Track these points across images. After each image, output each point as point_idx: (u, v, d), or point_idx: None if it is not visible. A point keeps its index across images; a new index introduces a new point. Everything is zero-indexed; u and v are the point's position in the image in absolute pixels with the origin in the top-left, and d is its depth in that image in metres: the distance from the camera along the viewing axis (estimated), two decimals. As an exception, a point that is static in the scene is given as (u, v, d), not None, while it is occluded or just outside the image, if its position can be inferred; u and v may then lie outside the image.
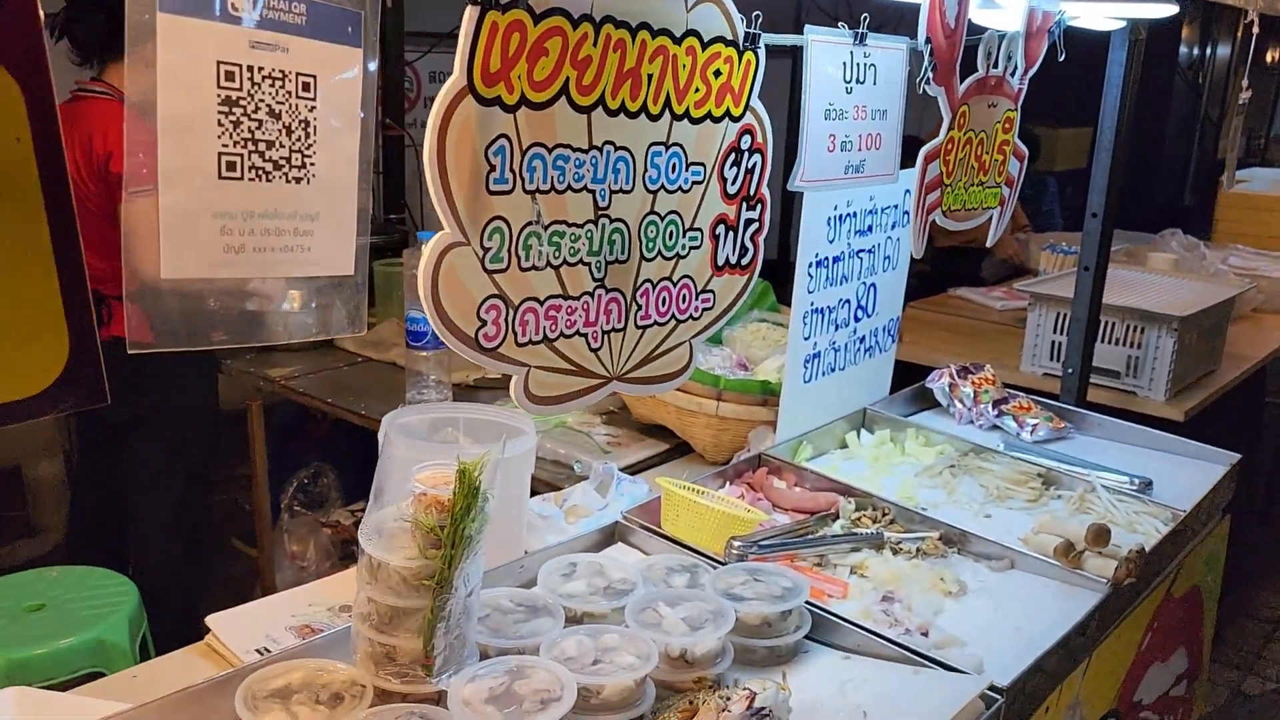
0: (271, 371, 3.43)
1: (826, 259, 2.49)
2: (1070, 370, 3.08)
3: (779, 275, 2.85)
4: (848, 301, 2.63)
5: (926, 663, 1.70)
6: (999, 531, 2.23)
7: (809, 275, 2.45)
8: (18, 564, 3.91)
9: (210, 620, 1.90)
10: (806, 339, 2.52)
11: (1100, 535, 2.05)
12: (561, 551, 1.93)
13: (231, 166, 1.04)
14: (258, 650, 1.78)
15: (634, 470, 2.65)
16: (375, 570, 1.46)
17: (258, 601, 2.02)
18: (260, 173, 1.05)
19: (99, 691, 1.70)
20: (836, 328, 2.62)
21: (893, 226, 2.67)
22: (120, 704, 1.48)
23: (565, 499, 2.31)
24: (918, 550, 2.13)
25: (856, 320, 2.69)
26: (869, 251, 2.63)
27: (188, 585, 3.53)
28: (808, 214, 2.36)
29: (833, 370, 2.65)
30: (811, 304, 2.50)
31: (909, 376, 3.07)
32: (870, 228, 2.60)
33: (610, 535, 2.12)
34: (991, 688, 1.64)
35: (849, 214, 2.49)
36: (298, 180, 1.07)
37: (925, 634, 1.83)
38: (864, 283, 2.67)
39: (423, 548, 1.44)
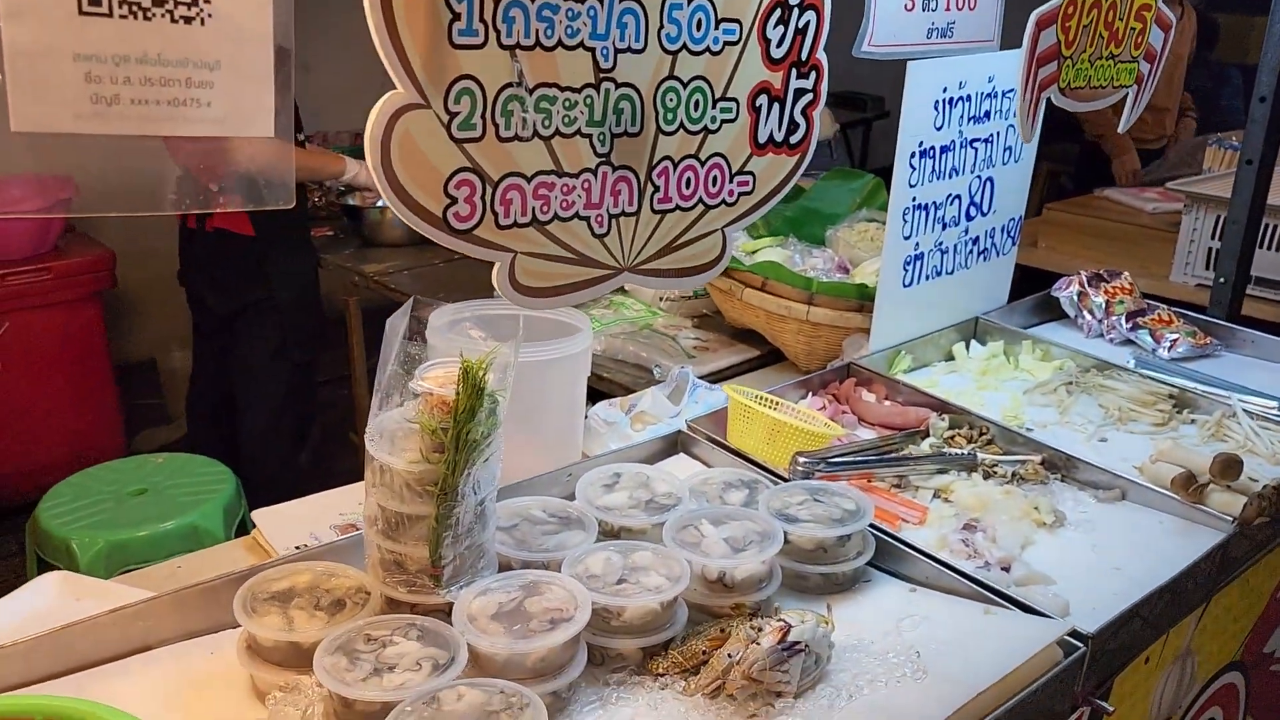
0: (367, 268, 3.40)
1: (932, 149, 2.22)
2: (1222, 279, 2.72)
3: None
4: (958, 197, 2.36)
5: (1001, 602, 1.51)
6: (1113, 458, 1.98)
7: (910, 167, 2.19)
8: (153, 450, 4.08)
9: (256, 515, 1.87)
10: (907, 238, 2.28)
11: (1229, 467, 1.78)
12: (611, 460, 1.80)
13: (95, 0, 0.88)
14: (296, 547, 1.74)
15: (721, 377, 2.49)
16: (379, 474, 1.36)
17: (308, 498, 1.98)
18: (134, 9, 0.90)
19: (139, 580, 1.69)
20: (944, 226, 2.36)
21: (1014, 114, 2.36)
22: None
23: (633, 404, 2.17)
24: (1014, 475, 1.91)
25: (968, 219, 2.42)
26: (985, 141, 2.35)
27: (295, 477, 3.61)
28: (910, 95, 2.09)
29: (938, 274, 2.40)
30: (914, 199, 2.25)
31: (1041, 286, 2.78)
32: (987, 114, 2.31)
33: (673, 445, 1.98)
34: (1073, 634, 1.44)
35: (961, 97, 2.21)
36: (186, 20, 0.92)
37: (1007, 569, 1.63)
38: (978, 177, 2.39)
39: (426, 451, 1.33)
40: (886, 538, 1.64)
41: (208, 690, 1.35)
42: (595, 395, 2.19)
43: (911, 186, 2.22)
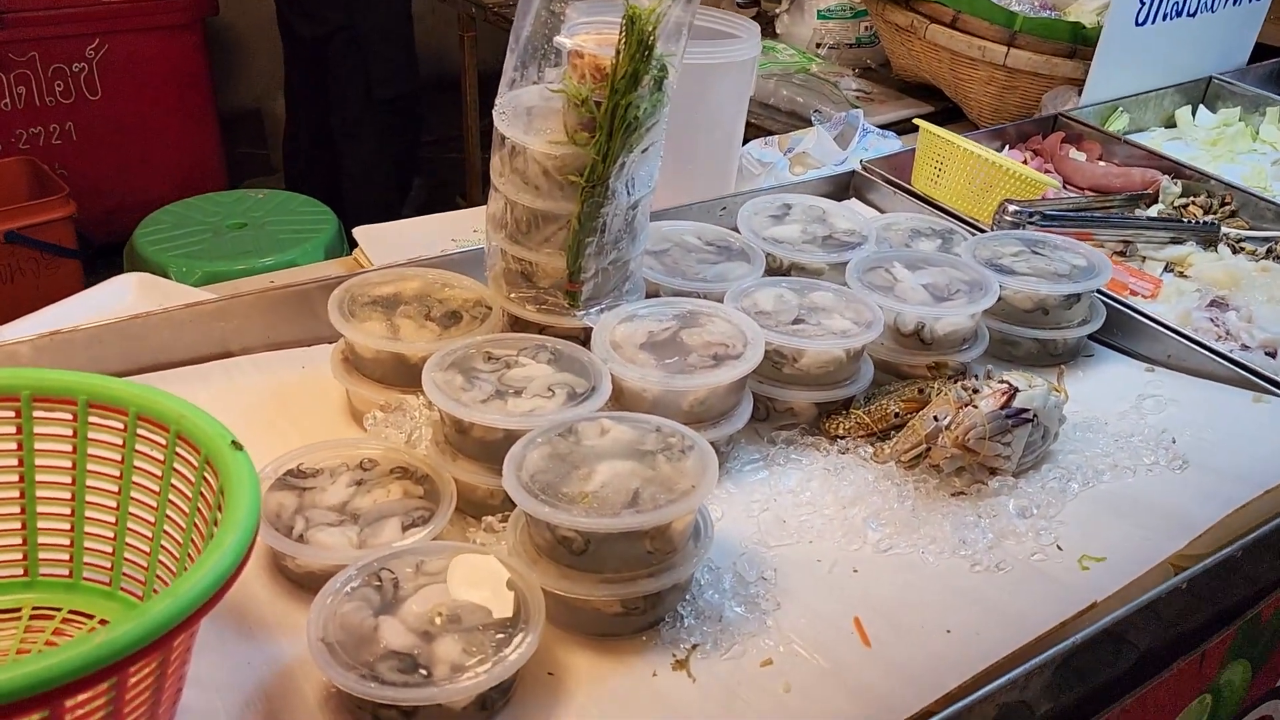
0: (486, -3, 3.04)
1: None
2: None
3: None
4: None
5: (1272, 388, 1.19)
6: (1393, 242, 1.59)
7: None
8: (256, 198, 3.89)
9: (358, 232, 1.63)
10: (1150, -38, 1.84)
11: None
12: (776, 194, 1.49)
13: None
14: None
15: (886, 133, 2.13)
16: (510, 159, 1.08)
17: (420, 218, 1.74)
18: None
19: (228, 290, 1.48)
20: (1195, -48, 1.90)
21: None
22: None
23: (793, 145, 1.84)
24: (1269, 252, 1.55)
25: (1225, -54, 1.95)
26: None
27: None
28: None
29: (1178, 13, 1.95)
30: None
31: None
32: None
33: (843, 188, 1.65)
34: (1372, 434, 1.12)
35: None
36: None
37: (1273, 355, 1.30)
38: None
39: (571, 130, 1.04)
40: (1121, 307, 1.32)
41: (296, 405, 1.14)
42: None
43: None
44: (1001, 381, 1.07)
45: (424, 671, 0.76)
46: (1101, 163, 1.80)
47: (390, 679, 0.75)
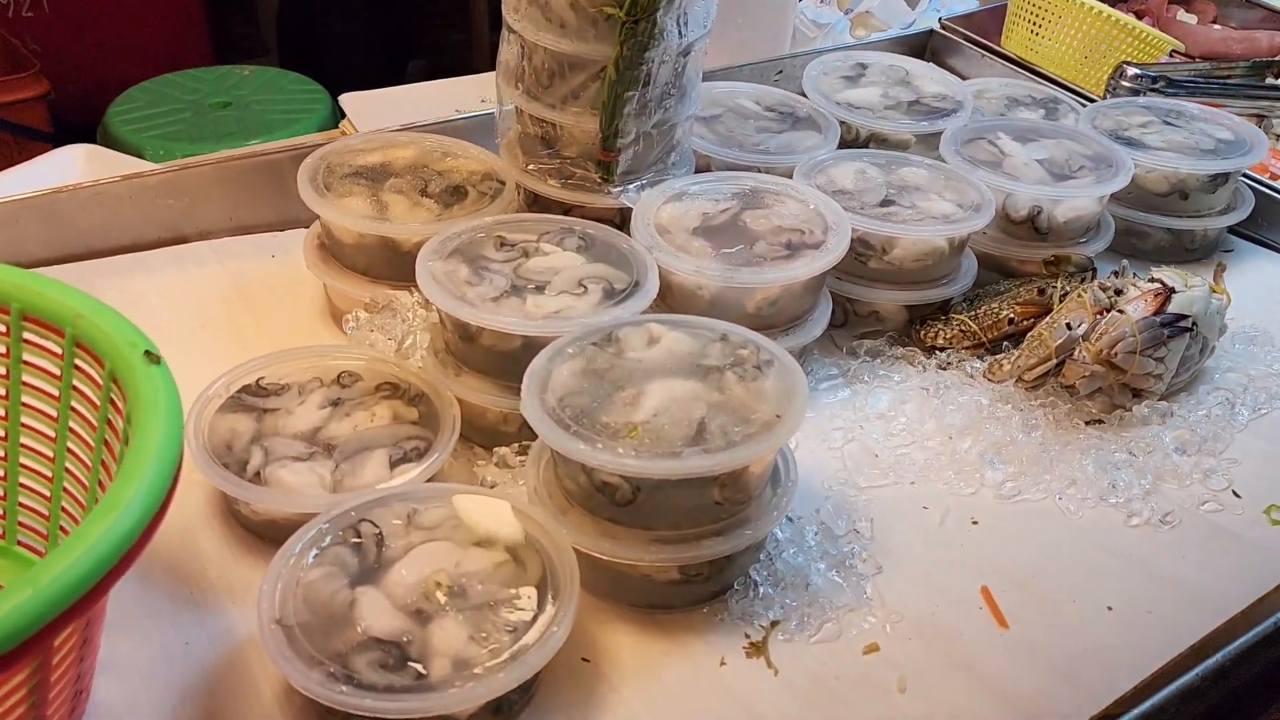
0: None
1: None
2: None
3: None
4: None
5: None
6: None
7: None
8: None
9: (345, 99, 1.38)
10: None
11: None
12: (847, 51, 1.23)
13: None
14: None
15: None
16: (529, -14, 0.84)
17: (418, 85, 1.49)
18: None
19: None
20: None
21: None
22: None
23: (853, 3, 1.57)
24: None
25: None
26: None
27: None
28: None
29: None
30: None
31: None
32: None
33: (918, 49, 1.39)
34: None
35: None
36: None
37: None
38: None
39: (607, -54, 0.79)
40: (1273, 193, 1.09)
41: (262, 304, 0.92)
42: None
43: None
44: (1152, 280, 0.84)
45: (417, 667, 0.56)
46: (1217, 25, 1.54)
47: (369, 679, 0.55)
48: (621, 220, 0.88)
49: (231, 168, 0.99)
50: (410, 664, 0.56)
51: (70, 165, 1.20)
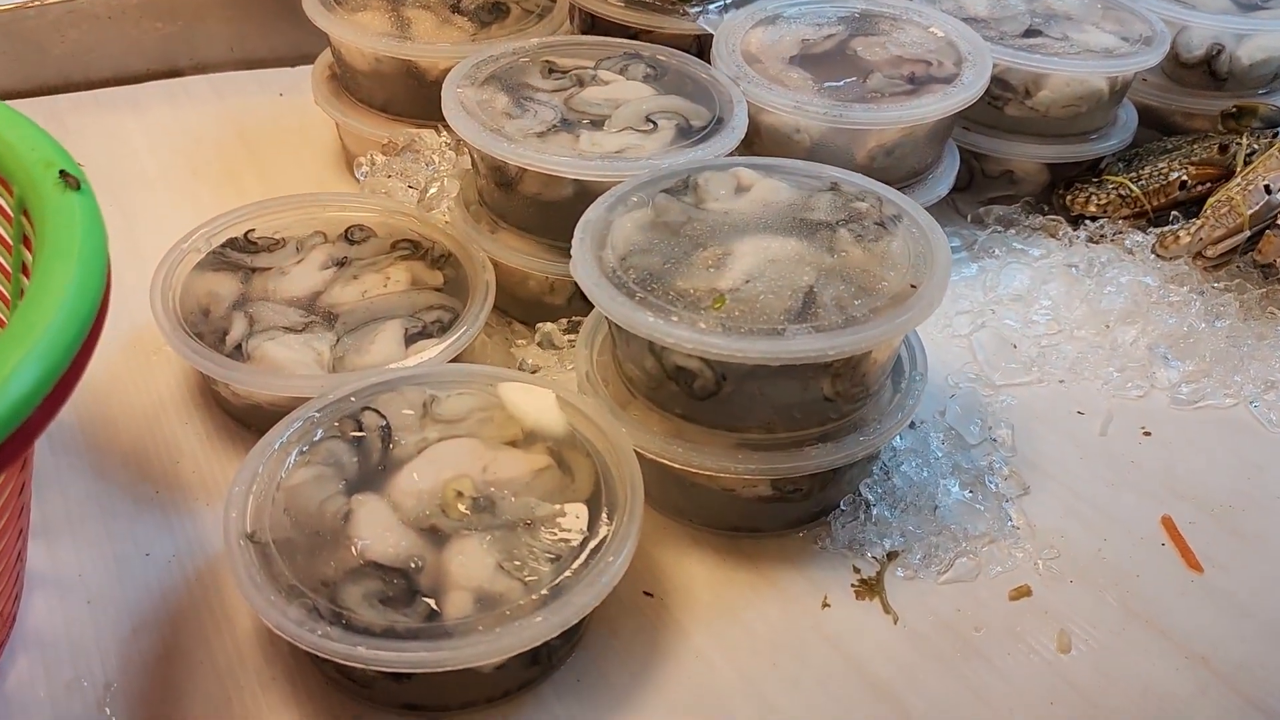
0: None
1: None
2: None
3: None
4: None
5: None
6: None
7: None
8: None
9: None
10: None
11: None
12: None
13: None
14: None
15: None
16: None
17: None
18: None
19: None
20: None
21: None
22: None
23: None
24: None
25: None
26: None
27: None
28: None
29: None
30: None
31: None
32: None
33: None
34: None
35: None
36: None
37: None
38: None
39: None
40: None
41: (267, 147, 0.77)
42: None
43: None
44: (1378, 133, 0.66)
45: (428, 603, 0.42)
46: None
47: (364, 618, 0.41)
48: (699, 49, 0.71)
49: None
50: (420, 598, 0.42)
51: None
